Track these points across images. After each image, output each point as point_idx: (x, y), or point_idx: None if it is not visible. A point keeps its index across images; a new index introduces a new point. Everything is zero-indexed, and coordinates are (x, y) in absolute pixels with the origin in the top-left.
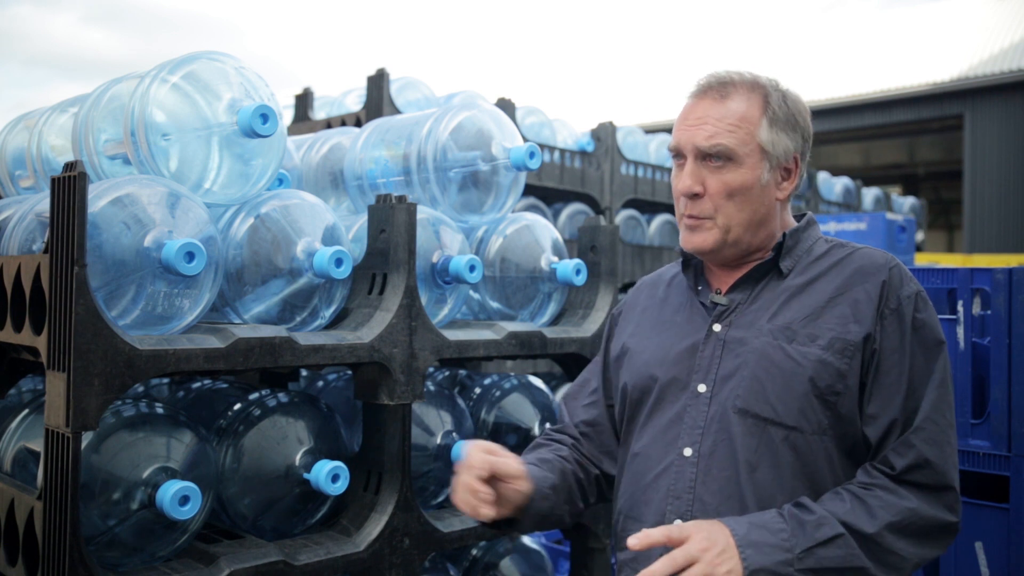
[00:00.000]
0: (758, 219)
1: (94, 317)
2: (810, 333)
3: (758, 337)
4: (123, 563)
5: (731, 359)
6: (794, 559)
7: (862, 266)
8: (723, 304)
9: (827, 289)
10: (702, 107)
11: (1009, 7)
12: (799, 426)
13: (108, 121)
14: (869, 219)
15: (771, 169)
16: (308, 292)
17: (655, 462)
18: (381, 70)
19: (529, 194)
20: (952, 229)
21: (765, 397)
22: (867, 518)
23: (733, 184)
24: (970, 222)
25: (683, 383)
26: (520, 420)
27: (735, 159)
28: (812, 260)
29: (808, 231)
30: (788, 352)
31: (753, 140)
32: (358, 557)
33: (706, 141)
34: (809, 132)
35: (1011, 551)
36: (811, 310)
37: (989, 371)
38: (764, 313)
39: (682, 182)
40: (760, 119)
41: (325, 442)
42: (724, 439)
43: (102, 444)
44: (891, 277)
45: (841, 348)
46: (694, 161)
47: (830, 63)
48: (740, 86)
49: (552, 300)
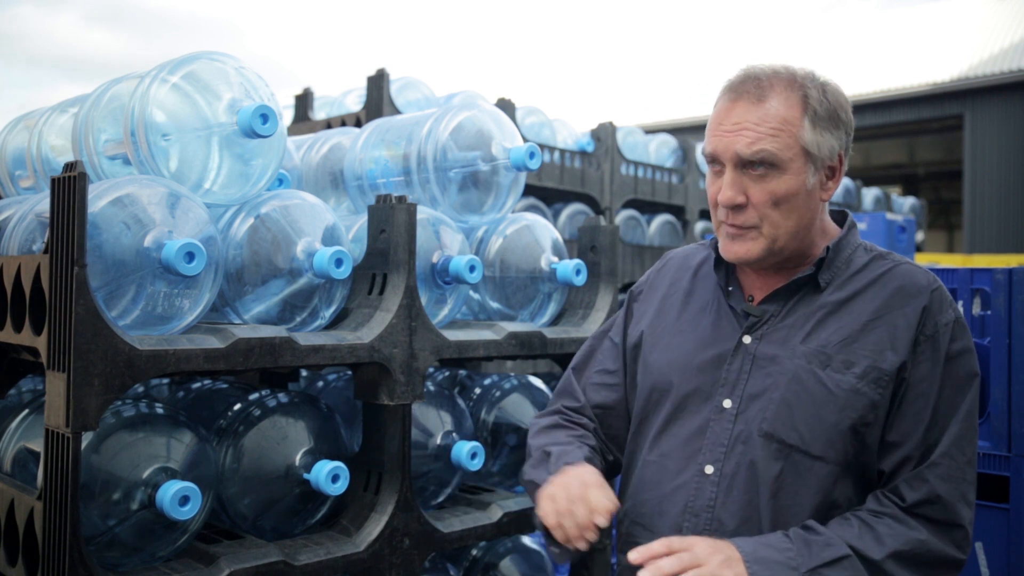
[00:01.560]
0: (805, 224)
1: (94, 317)
2: (845, 360)
3: (791, 359)
4: (123, 563)
5: (760, 377)
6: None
7: (903, 286)
8: (755, 315)
9: (865, 310)
10: (739, 110)
11: (1009, 7)
12: (825, 456)
13: (108, 121)
14: (869, 219)
15: (816, 171)
16: (308, 292)
17: (672, 475)
18: (381, 70)
19: (529, 194)
20: (952, 229)
21: (793, 423)
22: (875, 544)
23: (779, 192)
24: (970, 222)
25: (707, 394)
26: (520, 420)
27: (779, 165)
28: (851, 274)
29: (848, 238)
30: (821, 379)
31: (796, 144)
32: (358, 557)
33: (747, 148)
34: (851, 125)
35: (1011, 551)
36: (848, 332)
37: (989, 371)
38: (798, 331)
39: (723, 193)
40: (802, 119)
41: (325, 442)
42: (747, 461)
43: (102, 444)
44: (932, 302)
45: (876, 378)
46: (734, 170)
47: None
48: (777, 84)
49: (552, 300)
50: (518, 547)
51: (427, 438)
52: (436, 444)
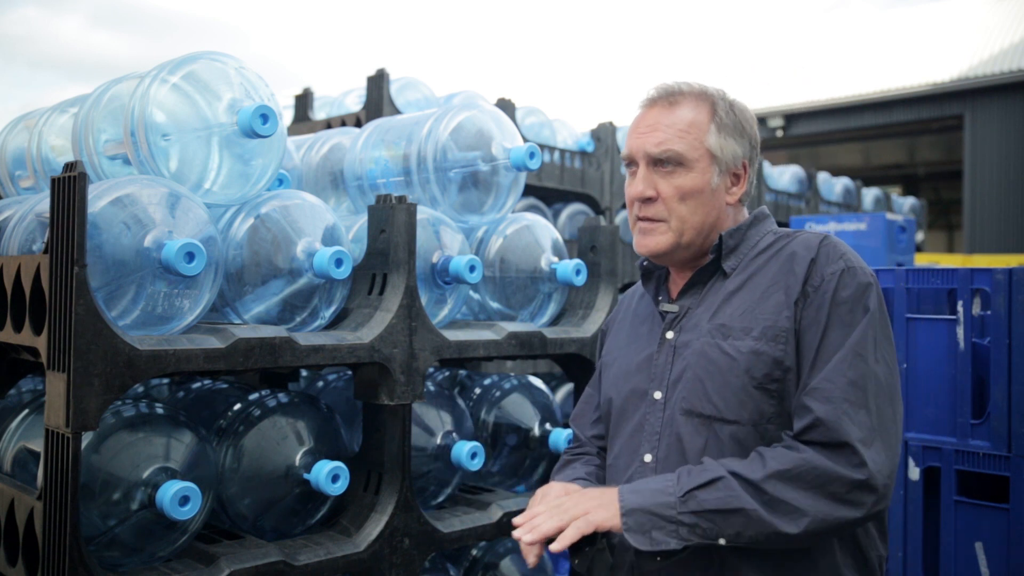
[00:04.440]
0: (710, 222)
1: (94, 317)
2: (745, 327)
3: (699, 338)
4: (123, 563)
5: (679, 363)
6: (676, 502)
7: (795, 251)
8: (673, 311)
9: (763, 281)
10: (652, 115)
11: (1009, 7)
12: (739, 419)
13: (108, 121)
14: (869, 219)
15: (720, 173)
16: (308, 292)
17: (622, 471)
18: (381, 70)
19: (529, 194)
20: (952, 229)
21: (707, 396)
22: (758, 467)
23: (684, 187)
24: (970, 222)
25: (642, 391)
26: (520, 420)
27: (685, 164)
28: (754, 255)
29: (754, 228)
30: (723, 348)
31: (702, 145)
32: (358, 557)
33: (656, 147)
34: (756, 139)
35: (1011, 551)
36: (748, 304)
37: (989, 371)
38: (706, 314)
39: (634, 187)
40: (708, 125)
41: (325, 442)
42: (675, 441)
43: (102, 444)
44: (819, 255)
45: (774, 335)
46: (646, 167)
47: (831, 63)
48: (688, 95)
49: (552, 300)
50: (518, 547)
51: (427, 438)
52: (436, 444)
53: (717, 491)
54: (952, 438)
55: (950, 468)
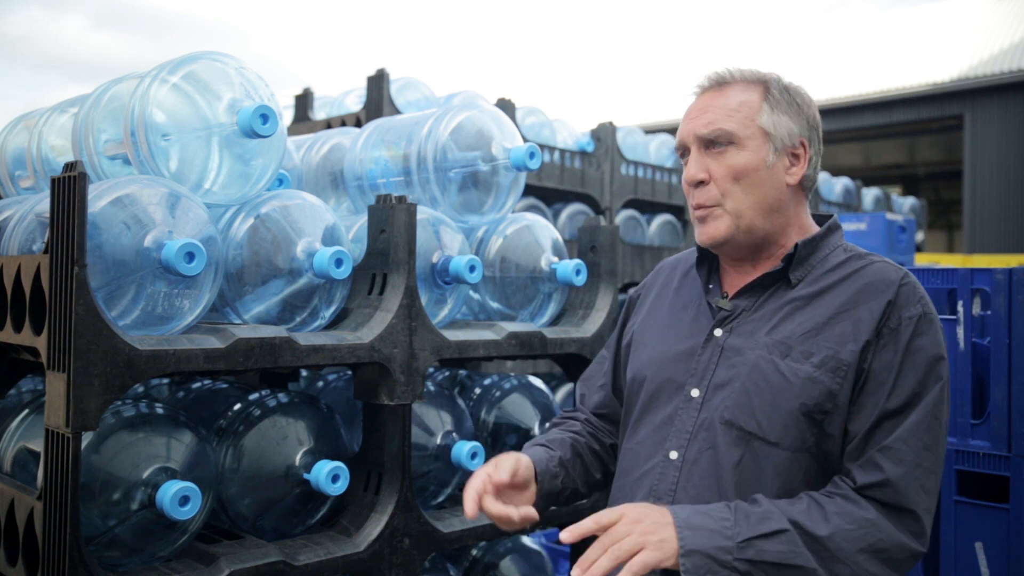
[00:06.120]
0: (768, 203)
1: (94, 317)
2: (805, 350)
3: (754, 349)
4: (123, 563)
5: (726, 368)
6: (734, 547)
7: (871, 282)
8: (727, 309)
9: (832, 304)
10: (703, 100)
11: (1009, 7)
12: (781, 443)
13: (108, 121)
14: (869, 219)
15: (776, 152)
16: (308, 292)
17: (643, 461)
18: (381, 70)
19: (529, 194)
20: (952, 229)
21: (752, 411)
22: (821, 521)
23: (737, 166)
24: (970, 222)
25: (678, 385)
26: (520, 420)
27: (736, 142)
28: (824, 271)
29: (827, 239)
30: (780, 368)
31: (753, 123)
32: (358, 557)
33: (706, 128)
34: (816, 120)
35: (1011, 551)
36: (812, 325)
37: (989, 371)
38: (765, 324)
39: (687, 172)
40: (760, 103)
41: (325, 442)
42: (709, 447)
43: (102, 444)
44: (898, 296)
45: (834, 367)
46: (698, 151)
47: (831, 63)
48: (740, 80)
49: (552, 300)
50: (518, 547)
51: (427, 438)
52: (436, 444)
53: (780, 544)
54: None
55: (950, 468)
